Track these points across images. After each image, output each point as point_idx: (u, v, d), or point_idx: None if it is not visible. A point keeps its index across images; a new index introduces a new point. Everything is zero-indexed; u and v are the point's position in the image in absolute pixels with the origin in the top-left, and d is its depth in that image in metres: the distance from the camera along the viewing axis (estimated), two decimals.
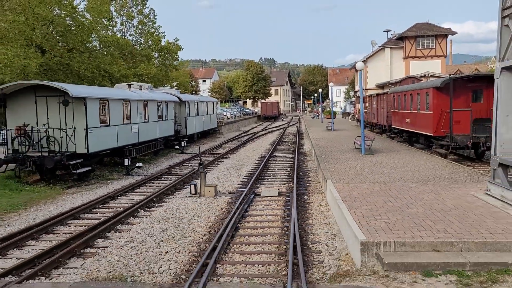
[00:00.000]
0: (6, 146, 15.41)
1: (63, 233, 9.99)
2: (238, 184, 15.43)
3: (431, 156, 17.90)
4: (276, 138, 34.79)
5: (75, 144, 15.15)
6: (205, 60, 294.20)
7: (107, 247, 8.75)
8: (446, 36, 49.71)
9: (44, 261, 7.87)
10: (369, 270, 6.74)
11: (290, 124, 57.28)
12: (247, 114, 66.66)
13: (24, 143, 15.05)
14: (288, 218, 10.52)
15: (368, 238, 7.12)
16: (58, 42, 29.26)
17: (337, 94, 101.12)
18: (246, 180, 16.22)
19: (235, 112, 60.39)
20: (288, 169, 18.71)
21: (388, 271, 6.56)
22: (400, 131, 25.14)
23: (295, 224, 9.48)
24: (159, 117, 23.55)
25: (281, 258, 7.93)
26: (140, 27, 47.62)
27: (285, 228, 9.77)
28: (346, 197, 10.24)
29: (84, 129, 15.41)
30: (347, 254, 7.78)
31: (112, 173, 18.61)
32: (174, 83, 56.52)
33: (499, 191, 9.40)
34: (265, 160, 20.84)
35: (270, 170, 18.72)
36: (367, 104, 36.46)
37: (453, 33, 49.98)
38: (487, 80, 17.45)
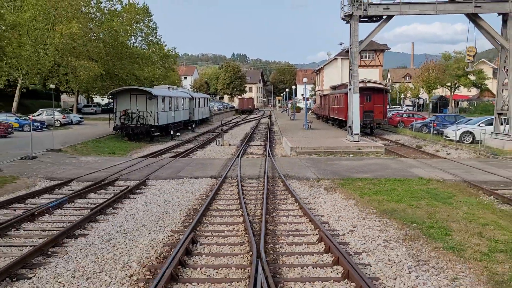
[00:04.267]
0: (114, 121, 28.84)
1: (172, 153, 23.70)
2: (238, 143, 29.49)
3: (343, 131, 32.47)
4: (254, 125, 49.00)
5: (154, 119, 28.76)
6: (178, 55, 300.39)
7: (197, 154, 22.70)
8: (383, 50, 65.04)
9: (178, 157, 21.71)
10: (292, 154, 21.02)
11: (263, 116, 71.59)
12: (227, 108, 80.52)
13: (126, 119, 28.51)
14: (265, 150, 24.66)
15: (293, 145, 21.43)
16: (105, 55, 42.34)
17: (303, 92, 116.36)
18: (241, 141, 30.30)
19: (219, 106, 74.17)
20: (264, 138, 32.93)
21: (298, 154, 20.82)
22: (334, 119, 39.76)
23: (268, 150, 23.57)
24: (182, 107, 37.19)
25: (263, 155, 22.09)
26: (145, 37, 60.57)
27: (264, 151, 23.93)
28: (289, 140, 24.50)
29: (156, 112, 29.03)
30: (286, 153, 22.04)
31: (163, 139, 32.18)
32: (167, 81, 69.61)
33: (348, 137, 23.88)
34: (250, 134, 34.99)
35: (254, 139, 32.89)
36: (318, 102, 51.09)
37: (388, 48, 65.45)
38: (373, 89, 32.23)
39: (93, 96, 61.29)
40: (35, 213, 10.56)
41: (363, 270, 6.83)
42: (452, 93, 72.14)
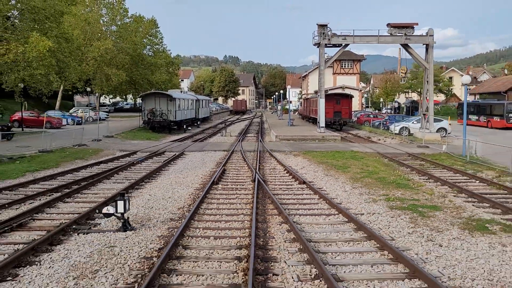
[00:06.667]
0: (142, 117, 37.83)
1: (191, 140, 32.76)
2: (237, 135, 38.68)
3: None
4: (248, 123, 58.23)
5: (173, 116, 37.81)
6: (181, 61, 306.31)
7: (209, 140, 31.88)
8: (360, 60, 74.71)
9: (197, 141, 30.84)
10: (276, 140, 30.28)
11: (255, 117, 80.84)
12: (223, 109, 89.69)
13: (152, 115, 37.51)
14: (257, 139, 33.85)
15: (277, 134, 30.73)
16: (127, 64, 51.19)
17: (292, 95, 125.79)
18: (239, 134, 39.51)
19: (216, 107, 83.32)
20: (257, 132, 42.21)
21: (280, 140, 30.08)
22: (313, 118, 49.12)
23: (260, 138, 32.81)
24: (191, 107, 46.30)
25: (256, 140, 31.31)
26: (153, 46, 69.24)
27: (257, 139, 33.14)
28: (275, 131, 33.75)
29: (175, 111, 38.10)
30: (272, 140, 31.30)
31: (178, 132, 41.17)
32: (170, 85, 78.36)
33: (317, 129, 33.17)
34: (245, 130, 44.24)
35: (249, 132, 42.15)
36: (303, 104, 60.48)
37: (364, 58, 75.17)
38: (341, 95, 41.75)
39: (108, 96, 69.76)
40: (134, 163, 19.66)
41: (302, 178, 16.01)
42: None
